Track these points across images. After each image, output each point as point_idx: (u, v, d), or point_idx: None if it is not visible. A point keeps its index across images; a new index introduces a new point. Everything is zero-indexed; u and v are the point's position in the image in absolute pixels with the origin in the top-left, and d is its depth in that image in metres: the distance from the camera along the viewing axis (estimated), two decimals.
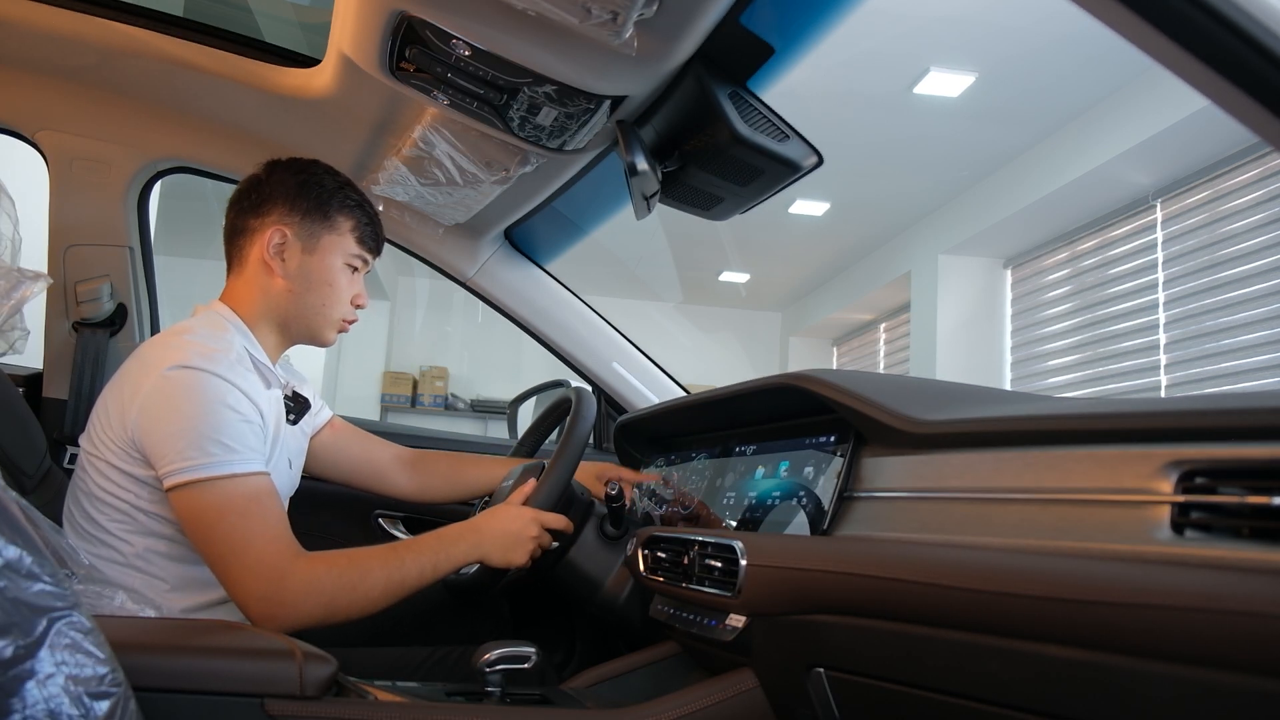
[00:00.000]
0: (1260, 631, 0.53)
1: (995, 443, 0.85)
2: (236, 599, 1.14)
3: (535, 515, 1.30)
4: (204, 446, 1.14)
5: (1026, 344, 5.86)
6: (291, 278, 1.35)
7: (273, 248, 1.34)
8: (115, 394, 1.23)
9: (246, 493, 1.16)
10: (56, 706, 0.60)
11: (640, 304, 8.25)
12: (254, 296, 1.35)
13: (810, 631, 0.89)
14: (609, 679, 1.26)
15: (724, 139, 1.20)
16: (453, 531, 1.27)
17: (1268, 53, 0.59)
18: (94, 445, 1.23)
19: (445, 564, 1.24)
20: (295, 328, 1.38)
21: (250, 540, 1.13)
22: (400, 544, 1.24)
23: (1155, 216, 4.75)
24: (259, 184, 1.37)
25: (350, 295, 1.40)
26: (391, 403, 7.84)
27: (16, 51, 1.60)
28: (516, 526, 1.28)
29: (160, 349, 1.22)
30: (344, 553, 1.20)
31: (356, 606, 1.16)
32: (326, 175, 1.39)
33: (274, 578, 1.12)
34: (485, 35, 1.15)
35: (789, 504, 1.14)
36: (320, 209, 1.36)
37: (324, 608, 1.14)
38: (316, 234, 1.36)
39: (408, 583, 1.19)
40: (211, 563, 1.16)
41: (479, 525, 1.28)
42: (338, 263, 1.37)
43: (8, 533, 0.61)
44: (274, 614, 1.12)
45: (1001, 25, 3.98)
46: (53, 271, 1.77)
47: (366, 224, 1.40)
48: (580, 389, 1.48)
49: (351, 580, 1.15)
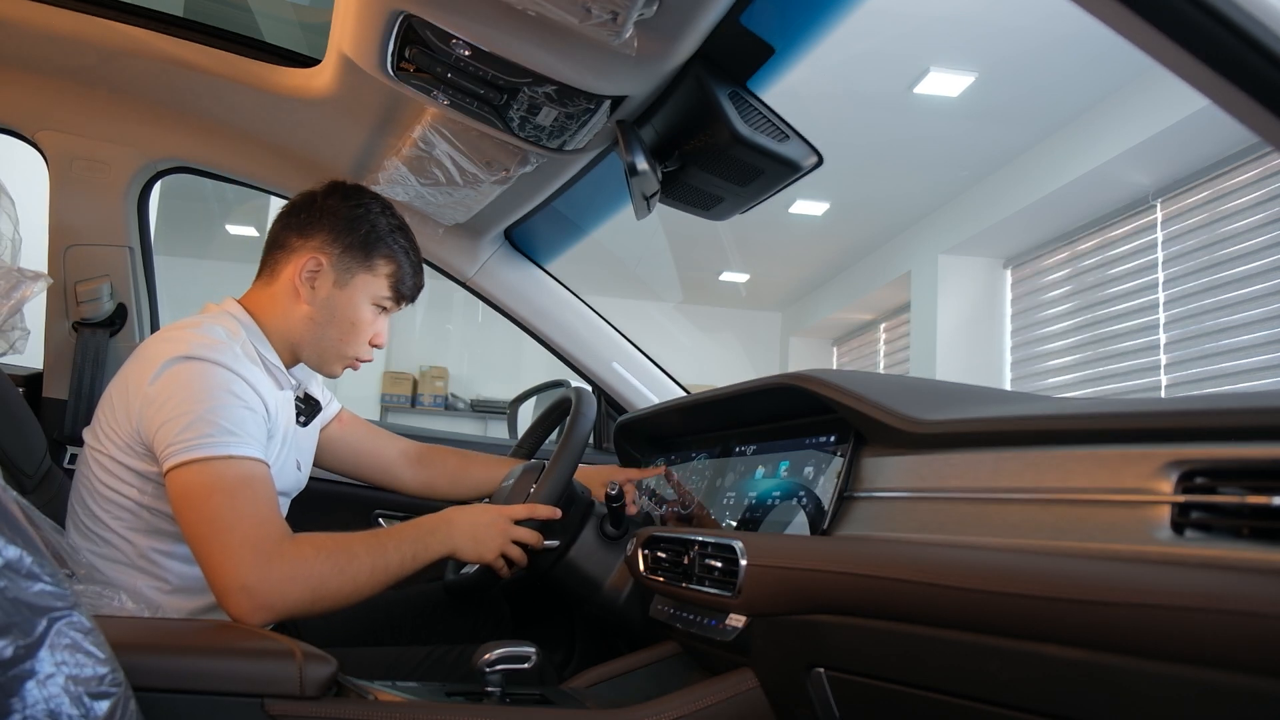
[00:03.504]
0: (1260, 631, 0.53)
1: (995, 443, 0.85)
2: (215, 589, 1.09)
3: (502, 511, 1.29)
4: (201, 429, 1.13)
5: (1026, 344, 5.86)
6: (317, 306, 1.34)
7: (306, 273, 1.32)
8: (120, 389, 1.23)
9: (239, 475, 1.13)
10: (56, 706, 0.60)
11: (640, 304, 8.25)
12: (276, 312, 1.34)
13: (810, 631, 0.89)
14: (609, 679, 1.26)
15: (724, 139, 1.20)
16: (429, 522, 1.27)
17: (1268, 53, 0.59)
18: (98, 441, 1.23)
19: (424, 554, 1.23)
20: (307, 353, 1.37)
21: (236, 522, 1.10)
22: (383, 531, 1.24)
23: (1155, 216, 4.75)
24: (313, 203, 1.35)
25: (370, 335, 1.38)
26: (391, 403, 7.83)
27: (16, 51, 1.60)
28: (485, 520, 1.28)
29: (163, 344, 1.22)
30: (332, 535, 1.18)
31: (344, 592, 1.14)
32: (381, 216, 1.37)
33: (254, 564, 1.08)
34: (485, 35, 1.15)
35: (789, 504, 1.14)
36: (363, 247, 1.34)
37: (310, 593, 1.10)
38: (352, 270, 1.34)
39: (390, 570, 1.19)
40: (192, 543, 1.12)
41: (451, 518, 1.27)
42: (365, 302, 1.36)
43: (8, 533, 0.61)
44: (255, 604, 1.07)
45: (1001, 25, 3.98)
46: (53, 271, 1.77)
47: (406, 272, 1.38)
48: (580, 389, 1.48)
49: (340, 564, 1.13)
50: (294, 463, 1.39)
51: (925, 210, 6.28)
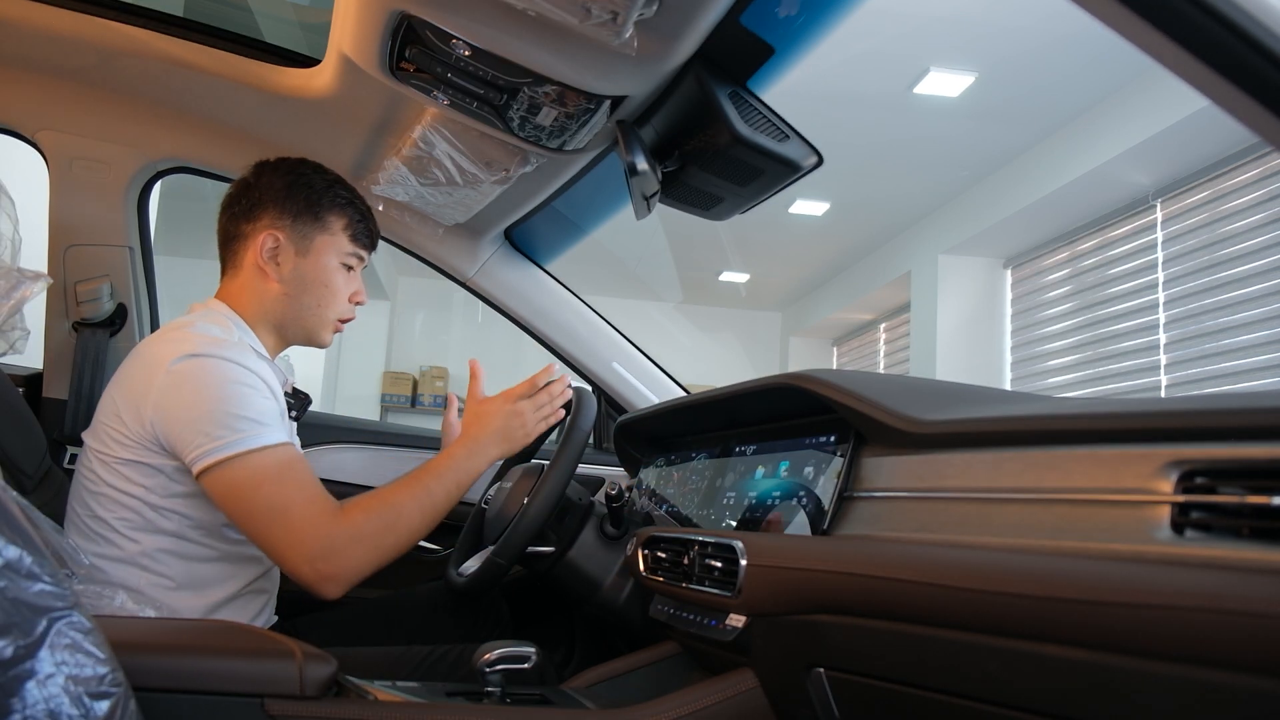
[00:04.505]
0: (1260, 631, 0.53)
1: (995, 443, 0.85)
2: (288, 567, 1.17)
3: (506, 395, 1.38)
4: (230, 424, 1.17)
5: (1026, 344, 5.86)
6: (286, 281, 1.36)
7: (266, 252, 1.34)
8: (122, 391, 1.23)
9: (279, 461, 1.18)
10: (56, 706, 0.60)
11: (640, 304, 8.25)
12: (250, 299, 1.36)
13: (810, 631, 0.89)
14: (609, 679, 1.26)
15: (724, 139, 1.20)
16: (460, 448, 1.33)
17: (1268, 53, 0.59)
18: (101, 442, 1.24)
19: (466, 479, 1.31)
20: (292, 330, 1.39)
21: (290, 504, 1.16)
22: (419, 471, 1.29)
23: (1155, 216, 4.75)
24: (248, 188, 1.38)
25: (348, 293, 1.41)
26: (391, 403, 7.84)
27: (16, 51, 1.59)
28: (501, 418, 1.36)
29: (163, 344, 1.23)
30: (374, 494, 1.25)
31: (400, 543, 1.22)
32: (315, 175, 1.39)
33: (320, 535, 1.15)
34: (485, 35, 1.15)
35: (789, 504, 1.14)
36: (311, 210, 1.36)
37: (373, 550, 1.18)
38: (309, 236, 1.36)
39: (439, 507, 1.27)
40: (255, 534, 1.18)
41: (474, 435, 1.34)
42: (333, 263, 1.38)
43: (8, 533, 0.61)
44: (329, 572, 1.15)
45: (1001, 25, 3.98)
46: (53, 271, 1.77)
47: (359, 220, 1.41)
48: (580, 389, 1.48)
49: (389, 520, 1.21)
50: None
51: (925, 210, 6.28)
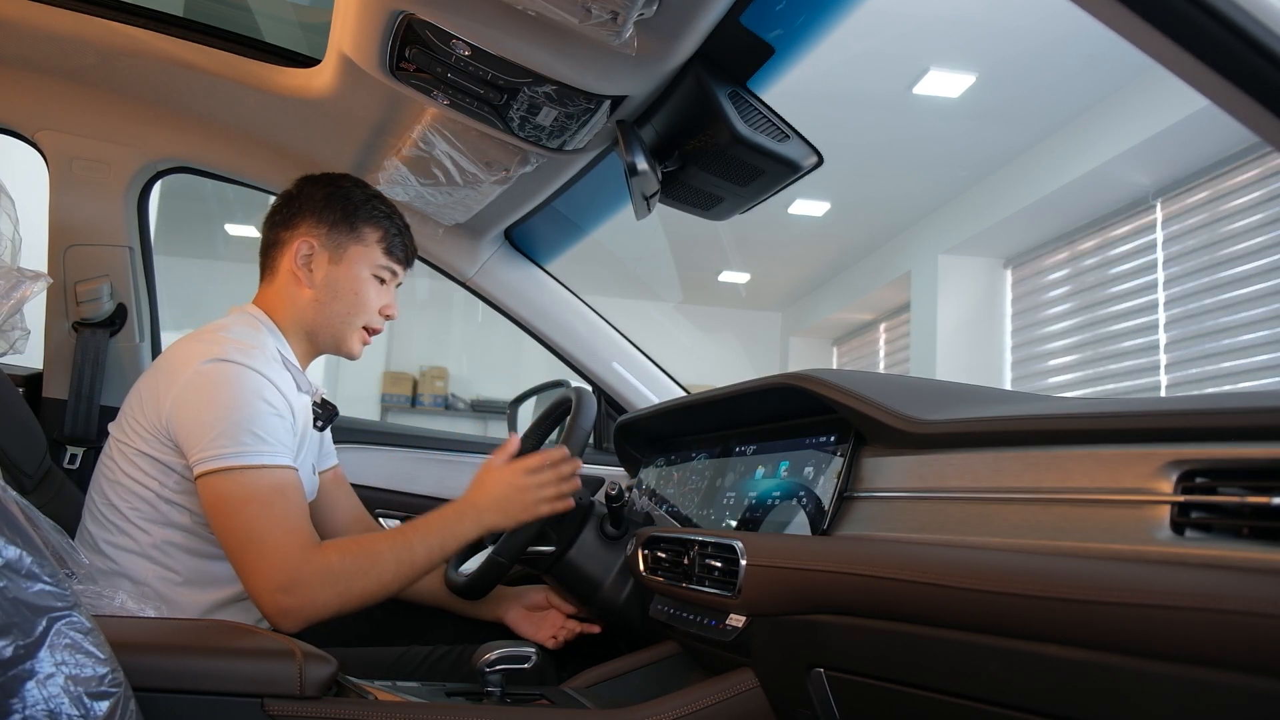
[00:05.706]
0: (1260, 631, 0.53)
1: (995, 443, 0.85)
2: (251, 592, 1.15)
3: (516, 469, 1.29)
4: (236, 436, 1.17)
5: (1026, 344, 5.86)
6: (318, 288, 1.37)
7: (300, 258, 1.36)
8: (150, 384, 1.26)
9: (272, 484, 1.18)
10: (56, 706, 0.60)
11: (640, 304, 8.24)
12: (284, 305, 1.38)
13: (810, 631, 0.89)
14: (609, 679, 1.26)
15: (724, 139, 1.20)
16: (453, 510, 1.28)
17: (1268, 53, 0.60)
18: (124, 433, 1.27)
19: (452, 543, 1.25)
20: (322, 337, 1.41)
21: (269, 531, 1.15)
22: (406, 526, 1.26)
23: (1155, 216, 4.75)
24: (290, 199, 1.41)
25: (379, 305, 1.42)
26: (391, 403, 7.83)
27: (16, 51, 1.59)
28: (504, 488, 1.28)
29: (198, 344, 1.26)
30: (354, 539, 1.24)
31: (370, 591, 1.18)
32: (355, 188, 1.42)
33: (289, 567, 1.13)
34: (485, 35, 1.15)
35: (789, 504, 1.14)
36: (347, 220, 1.38)
37: (339, 595, 1.15)
38: (343, 245, 1.38)
39: (418, 565, 1.22)
40: (228, 550, 1.17)
41: (474, 499, 1.29)
42: (364, 273, 1.39)
43: (8, 533, 0.61)
44: (288, 605, 1.13)
45: (1001, 25, 3.98)
46: (53, 271, 1.76)
47: (395, 235, 1.42)
48: (580, 389, 1.48)
49: (363, 565, 1.17)
50: (309, 467, 1.41)
51: (925, 210, 6.28)
